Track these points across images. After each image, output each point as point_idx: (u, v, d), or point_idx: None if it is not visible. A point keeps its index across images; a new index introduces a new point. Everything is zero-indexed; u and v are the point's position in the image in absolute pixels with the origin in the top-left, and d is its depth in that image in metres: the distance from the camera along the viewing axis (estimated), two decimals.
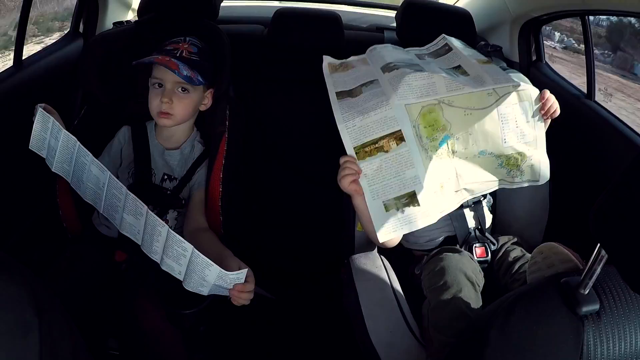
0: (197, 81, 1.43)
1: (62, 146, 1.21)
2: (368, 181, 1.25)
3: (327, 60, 1.50)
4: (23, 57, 1.77)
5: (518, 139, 1.30)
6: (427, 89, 1.26)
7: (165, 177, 1.51)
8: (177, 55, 1.42)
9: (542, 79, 2.06)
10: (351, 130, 1.25)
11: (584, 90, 1.87)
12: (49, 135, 1.23)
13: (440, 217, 1.28)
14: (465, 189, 1.34)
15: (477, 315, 1.16)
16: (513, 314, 0.75)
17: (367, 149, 1.24)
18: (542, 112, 1.32)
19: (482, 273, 1.35)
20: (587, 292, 0.74)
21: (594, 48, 1.84)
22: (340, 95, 1.33)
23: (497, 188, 1.39)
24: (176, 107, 1.43)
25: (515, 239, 1.50)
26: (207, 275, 1.08)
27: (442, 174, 1.29)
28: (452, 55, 1.44)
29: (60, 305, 0.82)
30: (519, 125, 1.30)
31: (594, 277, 0.73)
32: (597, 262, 0.72)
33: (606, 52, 2.97)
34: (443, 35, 1.53)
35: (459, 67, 1.38)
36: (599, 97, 1.84)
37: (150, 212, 1.11)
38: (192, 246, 1.06)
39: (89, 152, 1.18)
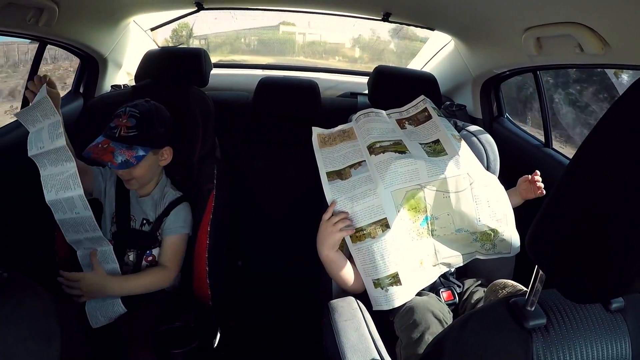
0: (134, 161, 1.48)
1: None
2: (360, 261, 1.41)
3: (316, 131, 1.62)
4: None
5: (490, 217, 1.42)
6: (410, 175, 1.40)
7: (144, 221, 1.61)
8: (116, 135, 1.48)
9: (504, 132, 2.19)
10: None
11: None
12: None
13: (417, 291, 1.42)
14: (442, 263, 1.47)
15: None
16: (466, 327, 0.81)
17: (358, 234, 1.40)
18: (538, 190, 1.52)
19: (452, 314, 1.40)
20: (533, 308, 0.80)
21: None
22: (331, 176, 1.47)
23: (471, 259, 1.50)
24: (133, 173, 1.53)
25: (480, 282, 1.55)
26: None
27: (421, 251, 1.43)
28: (431, 126, 1.57)
29: (76, 322, 0.89)
30: (490, 205, 1.43)
31: (537, 295, 0.79)
32: (537, 281, 0.79)
33: None
34: (423, 97, 1.66)
35: (437, 141, 1.51)
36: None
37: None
38: None
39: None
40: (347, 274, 1.43)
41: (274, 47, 3.60)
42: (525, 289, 1.13)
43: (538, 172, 1.54)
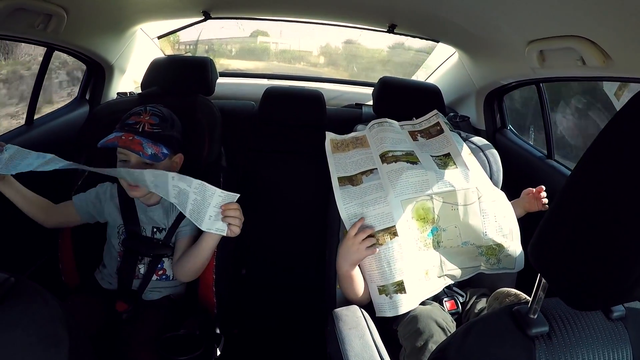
0: (162, 156, 1.44)
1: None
2: (367, 267, 1.42)
3: (329, 136, 1.65)
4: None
5: (497, 232, 1.44)
6: (421, 186, 1.42)
7: (155, 229, 1.57)
8: (140, 130, 1.44)
9: (507, 143, 2.20)
10: (354, 223, 1.42)
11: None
12: None
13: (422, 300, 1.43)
14: (447, 275, 1.49)
15: None
16: (470, 335, 0.82)
17: None
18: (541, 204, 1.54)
19: (455, 323, 1.41)
20: (535, 316, 0.81)
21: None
22: (342, 181, 1.49)
23: (476, 273, 1.51)
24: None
25: (483, 292, 1.56)
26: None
27: (427, 262, 1.44)
28: (442, 139, 1.60)
29: (82, 328, 0.90)
30: (497, 220, 1.44)
31: (540, 303, 0.80)
32: (540, 289, 0.79)
33: None
34: (436, 112, 1.70)
35: (448, 154, 1.54)
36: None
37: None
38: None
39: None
40: (359, 287, 1.44)
41: (253, 54, 4.09)
42: (527, 297, 1.14)
43: (543, 187, 1.55)
